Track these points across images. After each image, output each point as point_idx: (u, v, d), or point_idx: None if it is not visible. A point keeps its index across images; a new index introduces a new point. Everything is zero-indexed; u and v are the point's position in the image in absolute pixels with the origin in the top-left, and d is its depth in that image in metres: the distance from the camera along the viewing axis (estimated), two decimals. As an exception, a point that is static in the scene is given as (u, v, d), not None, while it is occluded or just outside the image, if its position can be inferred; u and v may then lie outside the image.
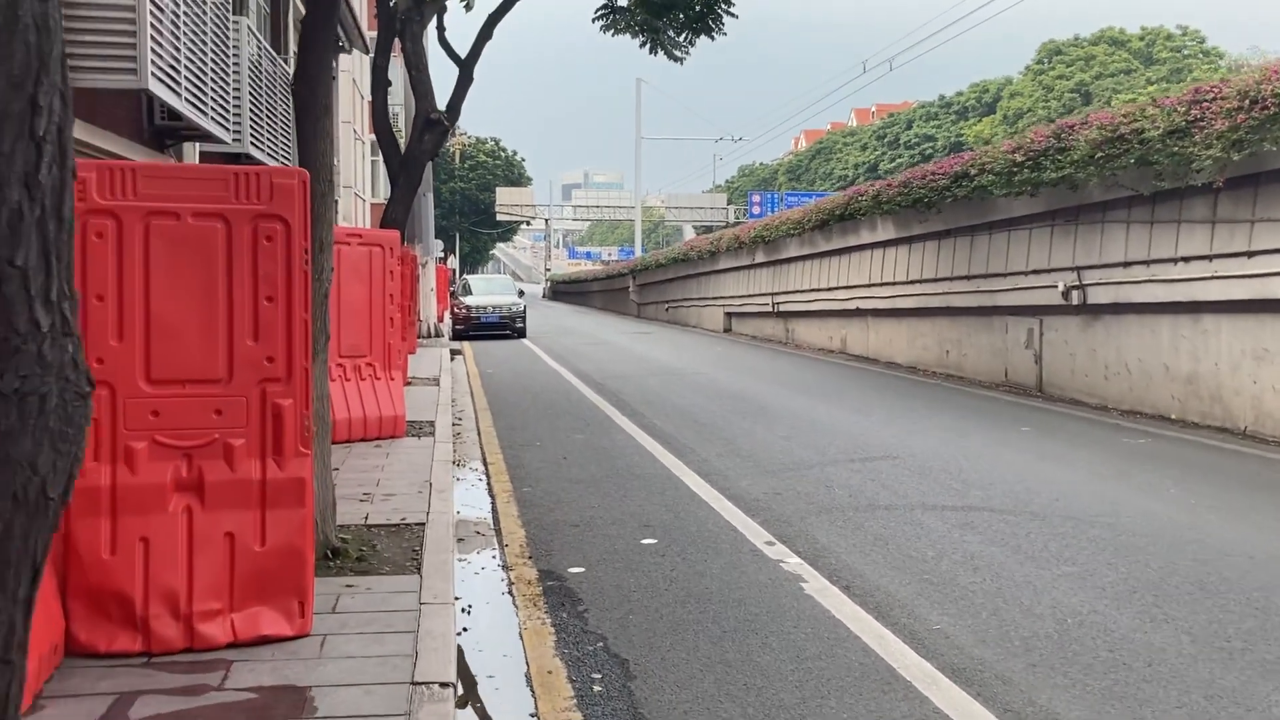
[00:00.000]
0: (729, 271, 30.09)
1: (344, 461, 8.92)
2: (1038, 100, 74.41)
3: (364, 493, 7.70)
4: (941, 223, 16.91)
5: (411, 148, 11.74)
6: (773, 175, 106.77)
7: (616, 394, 15.15)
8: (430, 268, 25.02)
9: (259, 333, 4.60)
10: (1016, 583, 5.93)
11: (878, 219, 19.33)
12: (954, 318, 17.15)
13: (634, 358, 21.80)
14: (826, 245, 22.12)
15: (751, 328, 28.53)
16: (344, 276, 9.96)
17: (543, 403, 14.43)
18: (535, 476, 9.16)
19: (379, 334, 10.24)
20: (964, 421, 12.25)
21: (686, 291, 35.45)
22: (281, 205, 4.63)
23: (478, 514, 7.83)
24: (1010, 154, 13.85)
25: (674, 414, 12.97)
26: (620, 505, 7.98)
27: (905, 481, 8.74)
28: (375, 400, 10.11)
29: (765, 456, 9.99)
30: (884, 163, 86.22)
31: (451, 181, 74.87)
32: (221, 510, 4.53)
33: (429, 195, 24.50)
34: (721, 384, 16.42)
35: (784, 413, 13.01)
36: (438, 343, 24.16)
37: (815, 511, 7.72)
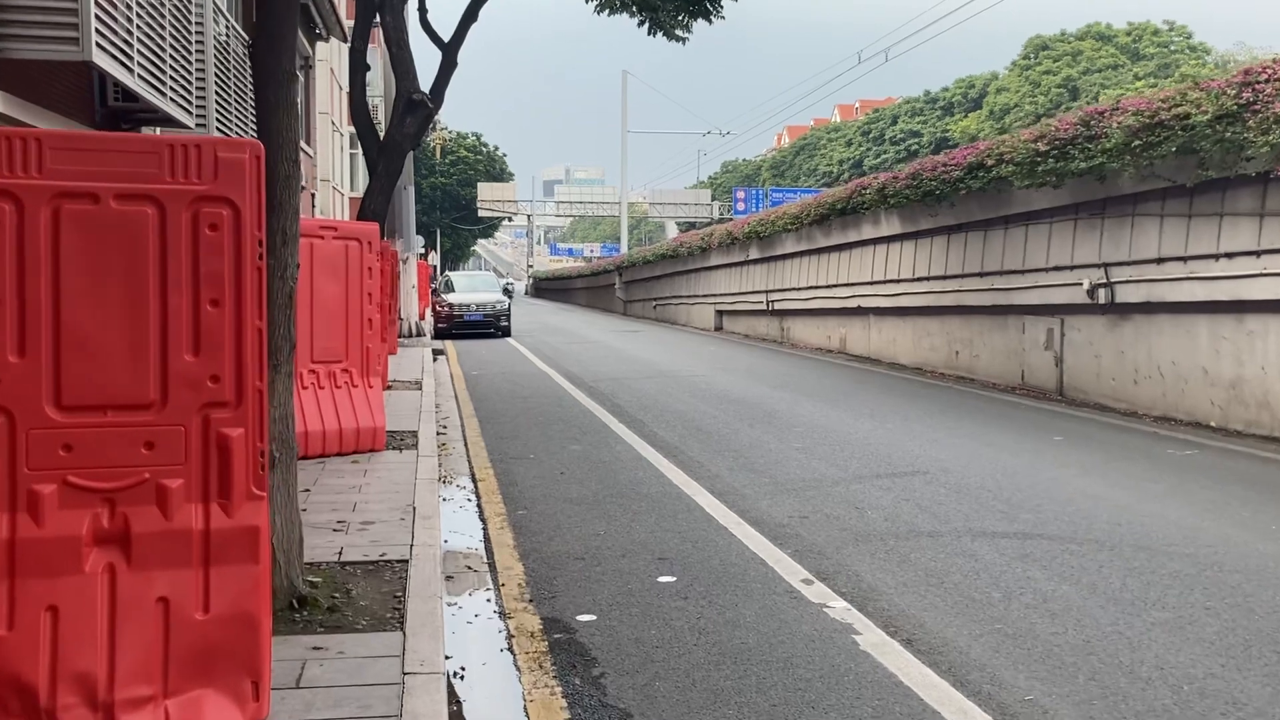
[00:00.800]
0: (720, 268, 29.19)
1: (316, 481, 7.97)
2: (1024, 95, 73.84)
3: (338, 520, 6.76)
4: (952, 217, 16.06)
5: (392, 132, 10.79)
6: (756, 171, 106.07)
7: (611, 398, 14.23)
8: (411, 264, 24.03)
9: (200, 345, 3.66)
10: (1105, 633, 5.05)
11: (881, 213, 18.47)
12: (965, 317, 16.31)
13: (625, 358, 20.88)
14: (826, 241, 21.25)
15: (744, 326, 27.66)
16: (317, 273, 9.03)
17: (533, 408, 13.49)
18: (530, 496, 8.23)
19: (356, 337, 9.29)
20: (989, 430, 11.39)
21: (675, 289, 34.55)
22: (229, 185, 3.69)
23: (468, 544, 6.90)
24: (1033, 143, 13.00)
25: (675, 421, 12.06)
26: (629, 532, 7.06)
27: (943, 502, 7.86)
28: (352, 411, 9.16)
29: (782, 471, 9.09)
30: (869, 159, 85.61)
31: (432, 177, 73.75)
32: (153, 569, 3.60)
33: (410, 188, 23.51)
34: (721, 387, 15.52)
35: (793, 420, 12.12)
36: (419, 342, 23.18)
37: (851, 539, 6.82)
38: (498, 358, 21.77)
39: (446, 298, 29.09)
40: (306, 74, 25.94)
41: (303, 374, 8.96)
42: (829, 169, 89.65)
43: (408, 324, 23.79)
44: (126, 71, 8.29)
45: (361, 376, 9.33)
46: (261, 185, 3.78)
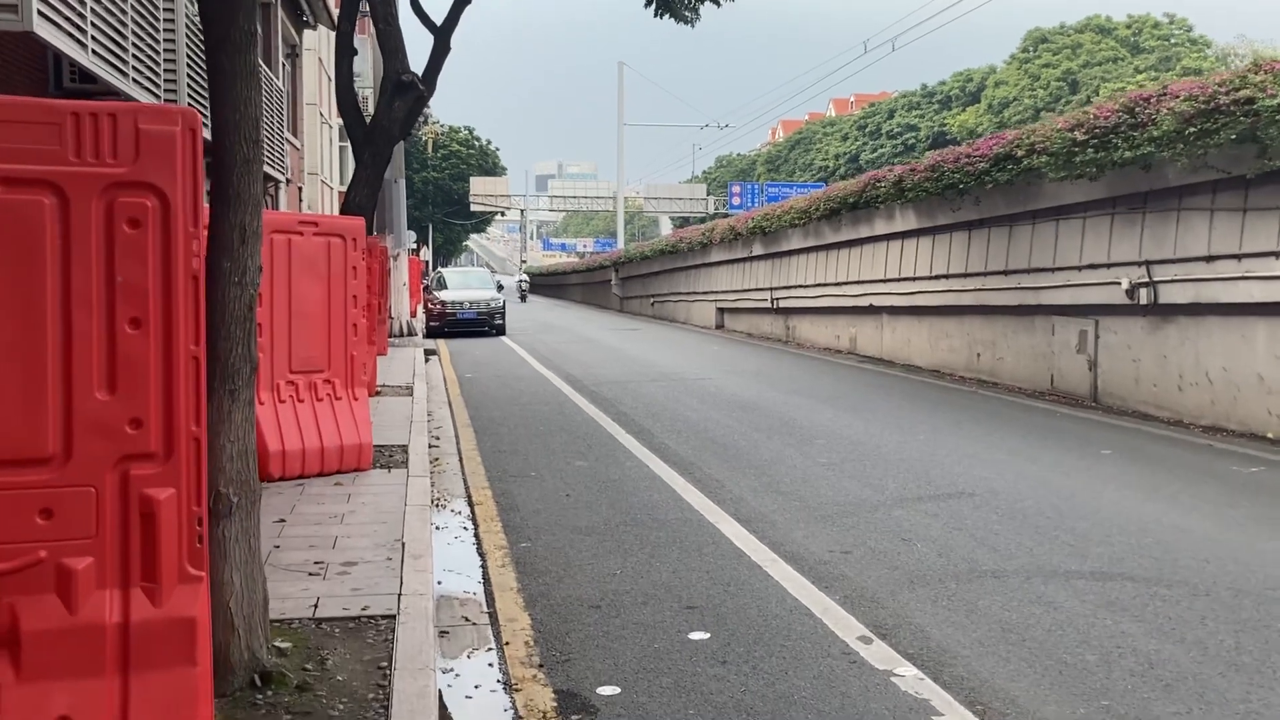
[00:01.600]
0: (722, 264, 28.30)
1: (293, 509, 7.07)
2: (1024, 89, 73.10)
3: (316, 561, 5.86)
4: (975, 211, 15.19)
5: (379, 117, 9.88)
6: (751, 166, 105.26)
7: (614, 405, 13.34)
8: (402, 260, 23.10)
9: (116, 379, 2.77)
10: (1239, 714, 4.18)
11: (897, 208, 17.59)
12: (988, 317, 15.44)
13: (626, 359, 19.98)
14: (835, 237, 20.37)
15: (746, 324, 26.78)
16: (296, 274, 8.12)
17: (532, 416, 12.59)
18: (534, 524, 7.34)
19: (339, 344, 8.38)
20: (1028, 442, 10.52)
21: (674, 285, 33.65)
22: (154, 167, 2.79)
23: (466, 586, 6.00)
24: (1068, 131, 12.11)
25: (687, 432, 11.18)
26: (649, 571, 6.18)
27: (999, 532, 6.99)
28: (335, 426, 8.25)
29: (812, 493, 8.21)
30: (865, 153, 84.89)
31: (424, 171, 72.87)
32: (50, 680, 2.71)
33: (401, 182, 22.57)
34: (731, 392, 14.63)
35: (814, 430, 11.24)
36: (411, 342, 22.25)
37: (905, 581, 5.94)
38: (493, 358, 20.86)
39: (439, 295, 28.15)
40: (293, 63, 24.99)
41: (279, 385, 8.05)
42: (825, 163, 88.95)
43: (398, 323, 22.86)
44: (79, 47, 7.37)
45: (345, 387, 8.42)
46: (198, 166, 2.88)
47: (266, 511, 6.94)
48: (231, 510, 4.13)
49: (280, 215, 8.53)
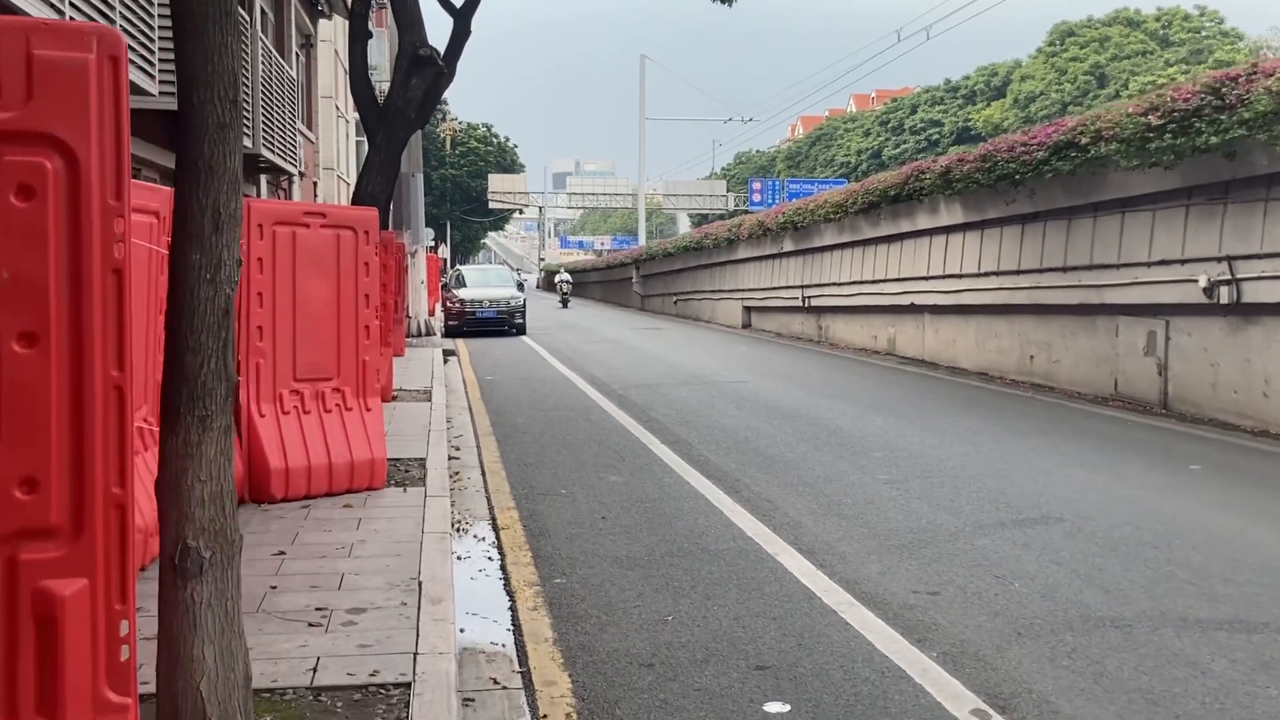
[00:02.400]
0: (749, 261, 27.37)
1: (295, 538, 6.20)
2: (1050, 83, 71.84)
3: (317, 607, 4.99)
4: (1029, 204, 14.22)
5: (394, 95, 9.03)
6: (771, 162, 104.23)
7: (645, 410, 12.45)
8: (420, 257, 22.27)
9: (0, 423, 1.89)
10: None
11: (941, 200, 16.63)
12: (1042, 316, 14.48)
13: (653, 360, 19.10)
14: (873, 231, 19.41)
15: (775, 324, 25.85)
16: (301, 270, 7.26)
17: (558, 423, 11.71)
18: (568, 554, 6.46)
19: (350, 349, 7.52)
20: (1104, 455, 9.58)
21: (698, 283, 32.73)
22: (55, 112, 1.92)
23: (492, 635, 5.12)
24: (1141, 116, 11.15)
25: (726, 442, 10.28)
26: (706, 617, 5.29)
27: (1105, 567, 6.06)
28: (345, 440, 7.39)
29: (879, 517, 7.30)
30: (888, 148, 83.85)
31: (442, 168, 72.27)
32: None
33: (419, 176, 21.75)
34: (768, 396, 13.72)
35: (866, 440, 10.33)
36: (429, 342, 21.42)
37: (1010, 632, 5.03)
38: (514, 359, 20.01)
39: (457, 293, 27.31)
40: (308, 54, 24.21)
41: (283, 395, 7.20)
42: (847, 159, 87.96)
43: (416, 322, 22.04)
44: None
45: (357, 397, 7.56)
46: (121, 112, 2.00)
47: (264, 542, 6.10)
48: (203, 568, 3.26)
49: (283, 205, 7.69)
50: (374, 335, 7.70)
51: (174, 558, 3.25)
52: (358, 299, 7.56)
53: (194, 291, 3.25)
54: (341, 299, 7.48)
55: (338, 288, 7.47)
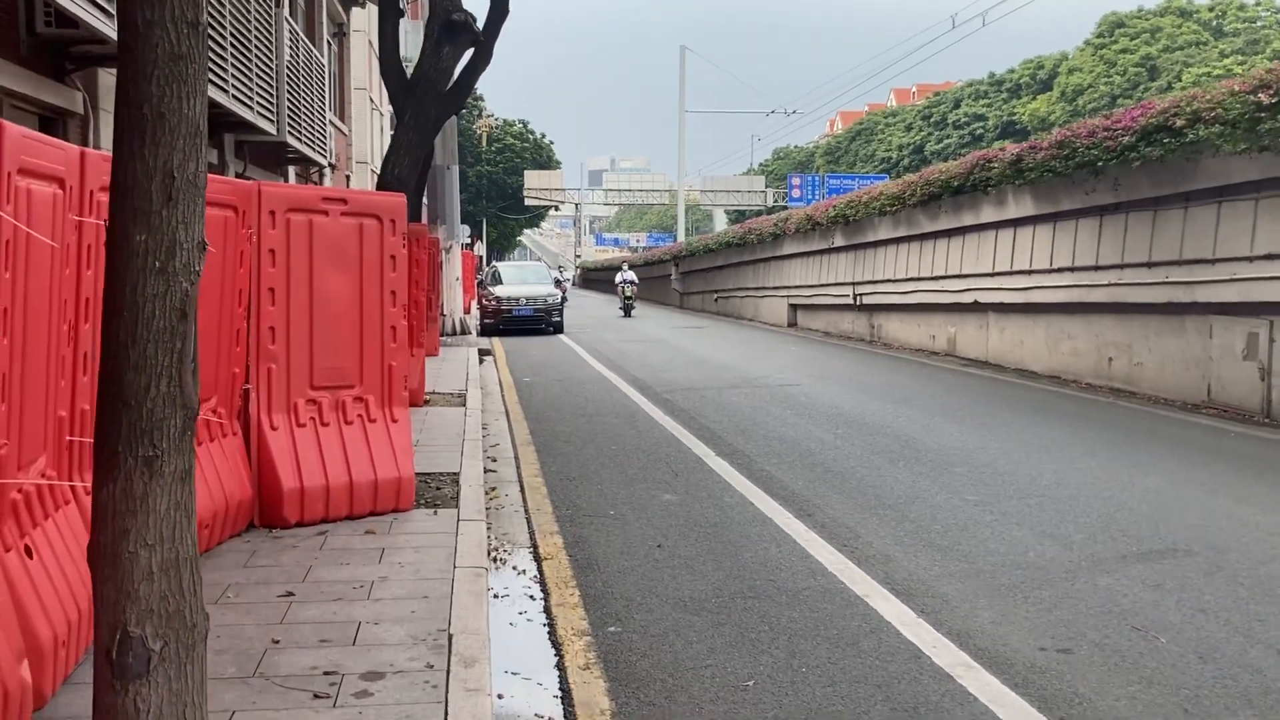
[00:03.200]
0: (796, 257, 26.35)
1: (307, 574, 5.34)
2: (1099, 76, 70.07)
3: (326, 670, 4.11)
4: (1111, 194, 13.15)
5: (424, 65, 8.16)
6: (809, 158, 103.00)
7: (694, 417, 11.54)
8: (455, 253, 21.47)
9: None
10: None
11: (1009, 191, 15.58)
12: (1122, 316, 13.40)
13: (696, 361, 18.17)
14: (932, 225, 18.36)
15: (823, 322, 24.82)
16: (319, 264, 6.41)
17: (602, 431, 10.82)
18: (622, 593, 5.56)
19: (375, 352, 6.66)
20: (1215, 472, 8.55)
21: (741, 280, 31.73)
22: None
23: (536, 706, 4.22)
24: (1250, 94, 10.07)
25: (789, 454, 9.35)
26: (793, 683, 4.36)
27: (1266, 617, 5.08)
28: (368, 456, 6.53)
29: (977, 548, 6.34)
30: (930, 143, 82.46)
31: (478, 165, 71.80)
32: None
33: (454, 168, 20.95)
34: (827, 401, 12.75)
35: (943, 453, 9.35)
36: (464, 341, 20.62)
37: (1178, 711, 4.07)
38: (551, 359, 19.15)
39: (493, 291, 26.50)
40: (340, 43, 23.51)
41: (298, 405, 6.35)
42: (888, 155, 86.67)
43: (451, 320, 21.26)
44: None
45: (381, 406, 6.69)
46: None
47: (271, 579, 5.24)
48: (150, 664, 2.39)
49: (298, 189, 6.84)
50: (401, 337, 6.83)
51: (111, 650, 2.39)
52: (383, 296, 6.70)
53: (138, 286, 2.38)
54: (364, 296, 6.63)
55: (360, 284, 6.61)
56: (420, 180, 12.60)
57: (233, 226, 5.90)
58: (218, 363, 5.84)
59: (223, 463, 5.88)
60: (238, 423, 6.19)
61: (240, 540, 5.93)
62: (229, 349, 5.97)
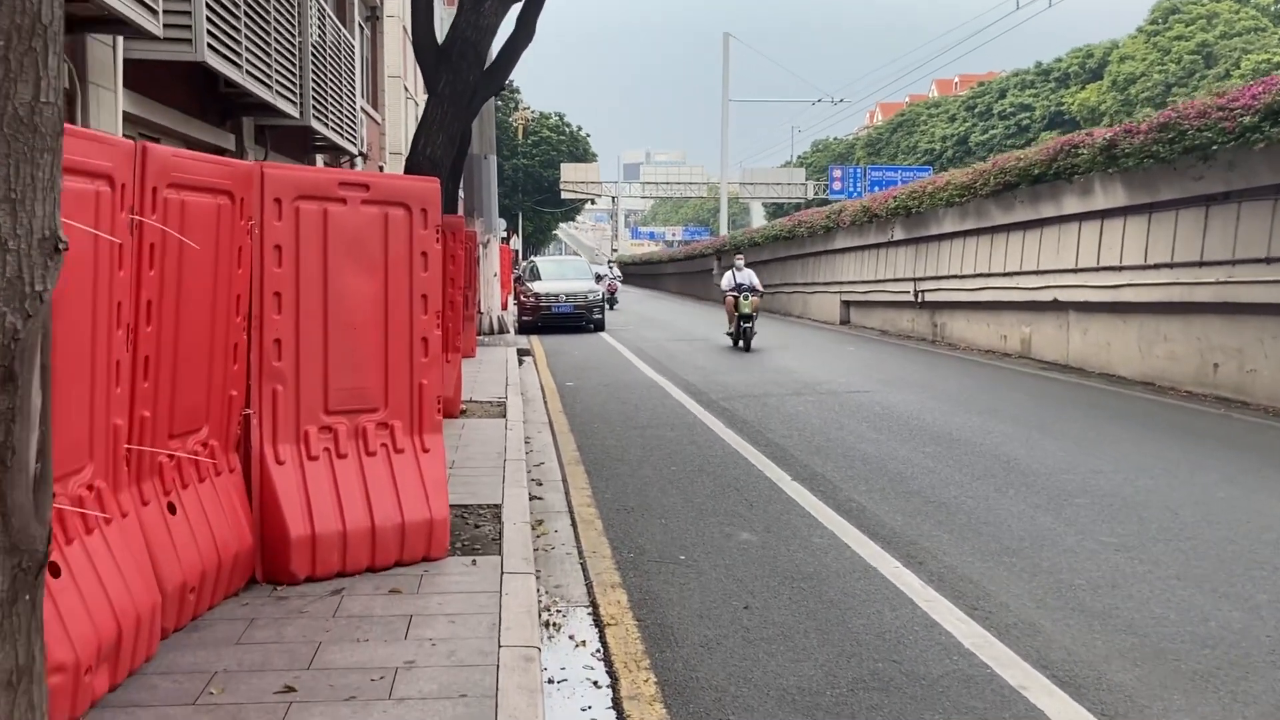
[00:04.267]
0: (849, 251, 25.06)
1: (313, 657, 4.22)
2: (1153, 64, 67.93)
3: (327, 827, 2.98)
4: (1221, 181, 11.81)
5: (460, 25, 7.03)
6: (849, 150, 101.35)
7: (760, 430, 10.37)
8: (493, 248, 20.39)
9: None
10: None
11: (1097, 180, 14.25)
12: (1232, 317, 12.06)
13: (751, 363, 16.97)
14: (1006, 217, 17.04)
15: (879, 320, 23.52)
16: (335, 262, 5.30)
17: (658, 447, 9.67)
18: (709, 680, 4.40)
19: (401, 369, 5.53)
20: (1390, 506, 7.26)
21: (789, 275, 30.45)
22: None
23: None
24: None
25: (877, 478, 8.16)
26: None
27: None
28: (394, 493, 5.41)
29: (1140, 614, 5.12)
30: (975, 134, 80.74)
31: (514, 158, 70.92)
32: None
33: (492, 158, 19.85)
34: (903, 411, 11.53)
35: (1054, 478, 8.11)
36: (502, 340, 19.54)
37: None
38: (594, 360, 18.02)
39: (532, 286, 25.40)
40: (373, 27, 22.48)
41: (309, 434, 5.24)
42: (930, 146, 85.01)
43: (488, 319, 20.19)
44: None
45: (410, 434, 5.57)
46: None
47: (269, 663, 4.06)
48: None
49: (309, 172, 5.71)
50: (434, 350, 5.70)
51: None
52: (412, 301, 5.58)
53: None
54: (390, 301, 5.50)
55: (385, 286, 5.49)
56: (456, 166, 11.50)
57: (228, 217, 4.79)
58: (210, 385, 4.74)
59: (215, 508, 4.77)
60: (236, 456, 5.09)
61: (237, 603, 4.83)
62: (224, 367, 4.86)
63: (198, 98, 9.82)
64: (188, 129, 9.39)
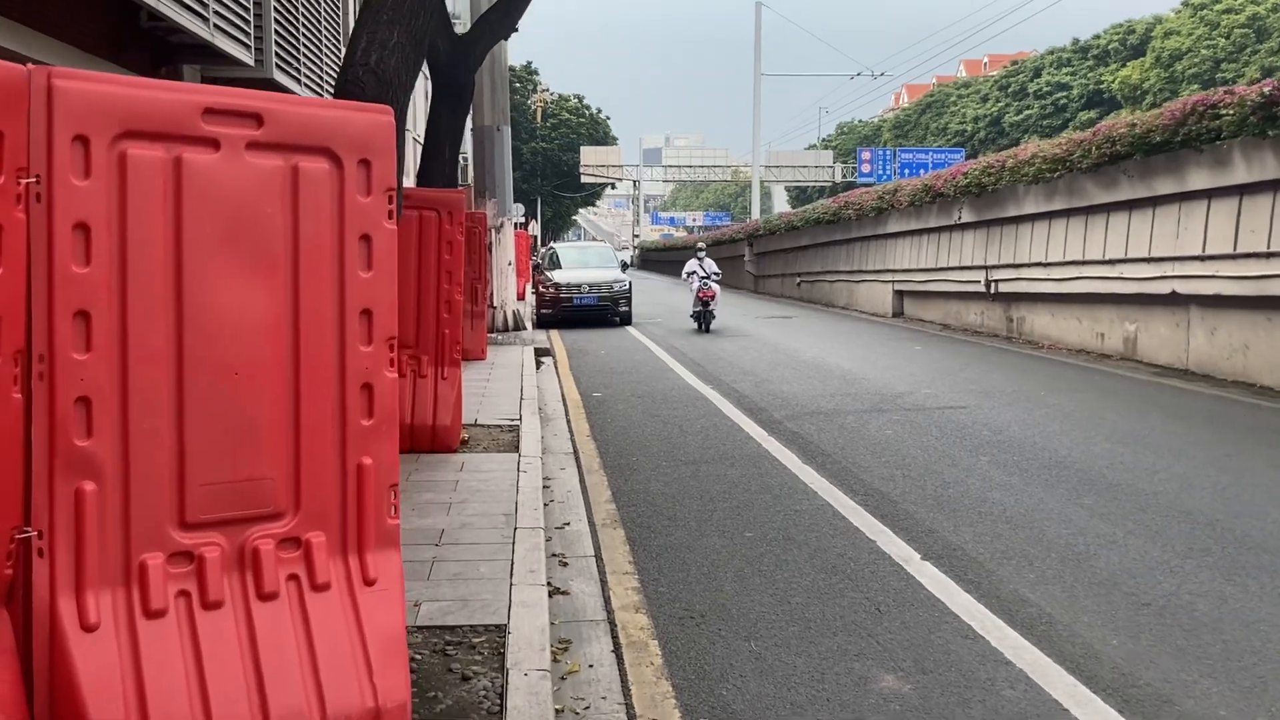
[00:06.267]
0: (903, 236, 22.52)
1: None
2: (1200, 39, 64.78)
3: None
4: None
5: None
6: (875, 133, 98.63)
7: (848, 468, 7.98)
8: (507, 233, 18.00)
9: None
10: None
11: (1235, 149, 11.73)
12: None
13: (806, 366, 14.50)
14: (1107, 195, 14.50)
15: (939, 312, 21.01)
16: (196, 255, 2.91)
17: (720, 494, 7.27)
18: None
19: (326, 441, 3.13)
20: None
21: (831, 262, 27.92)
22: None
23: None
24: None
25: (1047, 559, 5.75)
26: None
27: None
28: (306, 667, 3.02)
29: None
30: (1009, 114, 77.96)
31: (532, 142, 68.63)
32: None
33: (506, 129, 17.43)
34: (1021, 438, 9.08)
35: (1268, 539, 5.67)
36: (518, 338, 17.16)
37: None
38: (623, 362, 15.61)
39: (552, 276, 22.97)
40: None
41: (149, 569, 2.85)
42: (961, 127, 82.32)
43: (502, 314, 17.80)
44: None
45: (343, 554, 3.17)
46: None
47: None
48: None
49: (147, 89, 3.20)
50: (385, 403, 3.28)
51: None
52: (344, 321, 3.18)
53: None
54: (303, 323, 3.11)
55: (294, 296, 3.09)
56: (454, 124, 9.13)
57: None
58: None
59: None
60: (5, 614, 2.73)
61: None
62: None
63: (111, 32, 7.44)
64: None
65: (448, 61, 9.05)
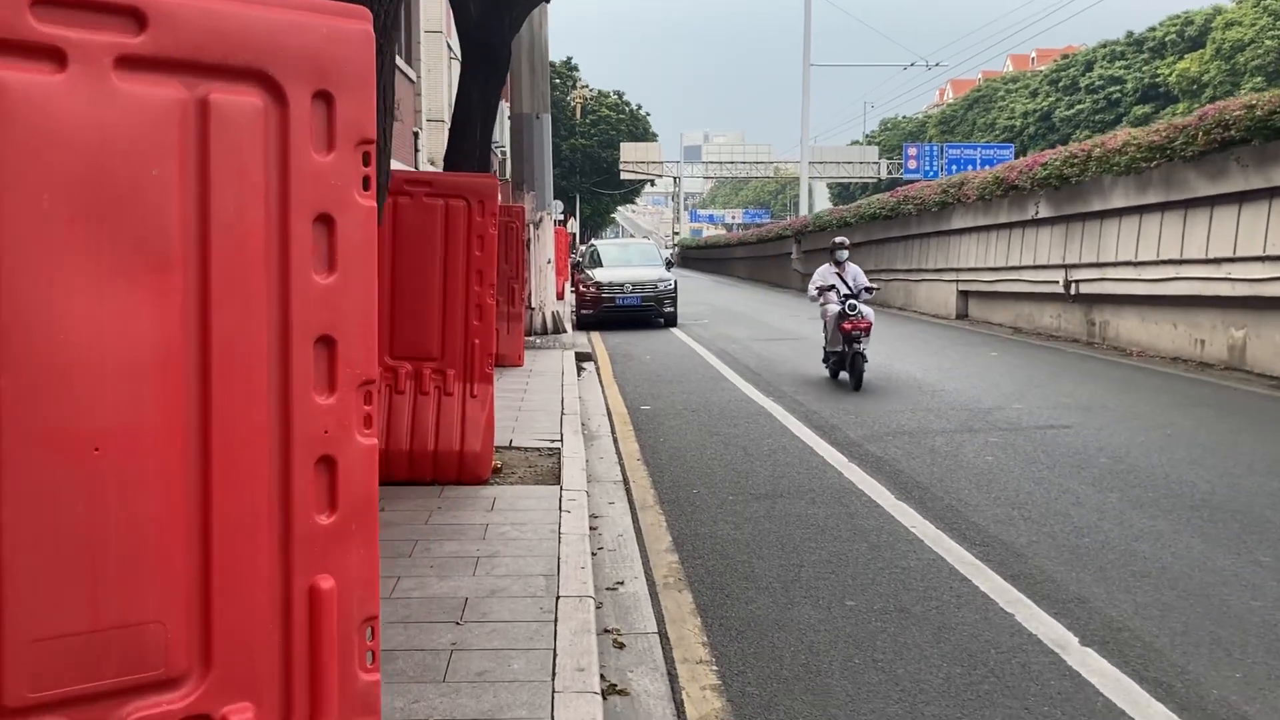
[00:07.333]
0: (969, 232, 21.05)
1: None
2: (1263, 29, 62.39)
3: None
4: None
5: None
6: (920, 128, 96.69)
7: (952, 505, 6.68)
8: (547, 229, 16.78)
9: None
10: None
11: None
12: None
13: (878, 378, 13.13)
14: (1212, 187, 13.02)
15: (1009, 314, 19.54)
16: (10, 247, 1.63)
17: (802, 540, 5.99)
18: None
19: (254, 564, 1.92)
20: None
21: (887, 260, 26.46)
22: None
23: None
24: None
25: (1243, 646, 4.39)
26: None
27: None
28: None
29: None
30: (1060, 109, 75.85)
31: (572, 138, 67.50)
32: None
33: (546, 118, 16.21)
34: (1146, 468, 7.71)
35: None
36: (557, 341, 15.94)
37: None
38: (672, 369, 14.34)
39: (593, 274, 21.73)
40: (405, -33, 18.86)
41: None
42: (1010, 123, 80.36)
43: (539, 315, 16.59)
44: None
45: None
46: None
47: None
48: None
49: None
50: (357, 501, 2.04)
51: None
52: (286, 358, 1.93)
53: None
54: (217, 361, 1.86)
55: (200, 313, 1.85)
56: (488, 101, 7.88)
57: None
58: None
59: None
60: None
61: None
62: None
63: None
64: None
65: (479, 22, 7.79)
